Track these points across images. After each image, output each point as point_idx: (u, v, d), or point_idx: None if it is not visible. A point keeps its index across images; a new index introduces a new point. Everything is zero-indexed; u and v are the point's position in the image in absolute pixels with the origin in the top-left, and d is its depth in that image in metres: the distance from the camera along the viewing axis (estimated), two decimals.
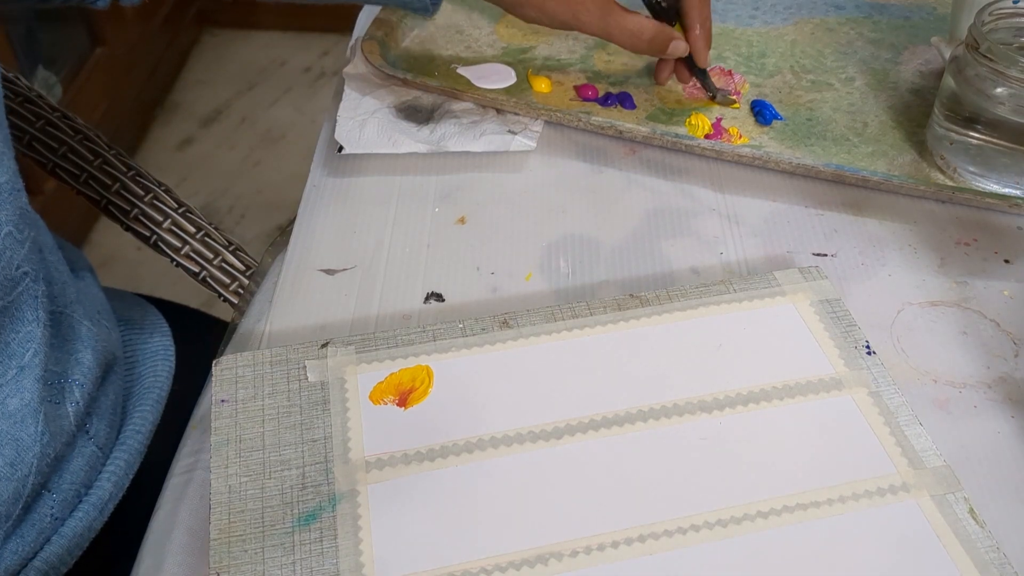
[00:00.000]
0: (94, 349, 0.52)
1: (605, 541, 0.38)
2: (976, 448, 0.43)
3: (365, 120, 0.62)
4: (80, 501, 0.51)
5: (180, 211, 0.72)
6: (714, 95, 0.63)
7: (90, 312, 0.55)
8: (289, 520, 0.38)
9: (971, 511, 0.38)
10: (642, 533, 0.38)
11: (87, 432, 0.52)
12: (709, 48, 0.61)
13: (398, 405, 0.42)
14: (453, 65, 0.68)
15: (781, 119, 0.62)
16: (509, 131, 0.61)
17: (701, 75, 0.63)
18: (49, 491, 0.49)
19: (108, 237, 1.61)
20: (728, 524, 0.38)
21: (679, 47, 0.60)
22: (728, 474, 0.40)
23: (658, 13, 0.61)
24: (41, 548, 0.49)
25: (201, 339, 0.61)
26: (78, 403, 0.50)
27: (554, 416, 0.42)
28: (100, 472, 0.53)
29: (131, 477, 0.54)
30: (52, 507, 0.49)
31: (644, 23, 0.58)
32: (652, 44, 0.59)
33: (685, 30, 0.60)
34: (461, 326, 0.46)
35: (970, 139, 0.55)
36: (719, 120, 0.62)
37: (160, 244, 0.73)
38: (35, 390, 0.46)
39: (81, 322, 0.52)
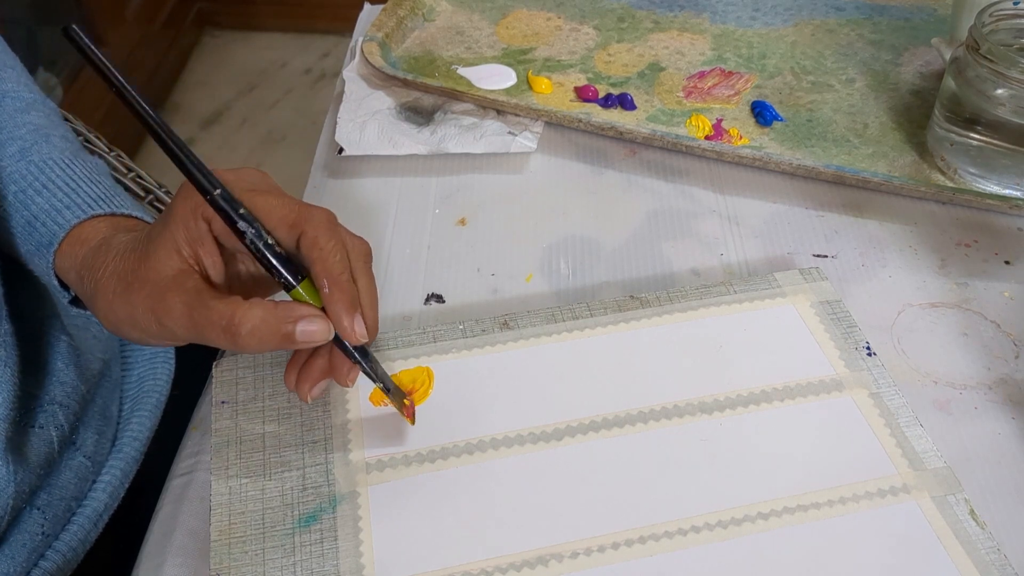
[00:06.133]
0: (76, 364, 0.51)
1: (606, 542, 0.37)
2: (977, 449, 0.43)
3: (365, 122, 0.62)
4: (73, 515, 0.50)
5: None
6: (386, 387, 0.40)
7: (76, 316, 0.53)
8: (289, 521, 0.38)
9: (972, 512, 0.38)
10: (643, 534, 0.38)
11: (74, 443, 0.50)
12: (355, 310, 0.38)
13: None
14: (454, 66, 0.68)
15: (781, 120, 0.62)
16: (509, 132, 0.61)
17: (357, 357, 0.39)
18: (37, 508, 0.47)
19: None
20: (729, 525, 0.38)
21: (315, 330, 0.37)
22: (729, 475, 0.40)
23: (279, 267, 0.38)
24: (35, 564, 0.47)
25: (200, 344, 0.61)
26: (62, 426, 0.48)
27: (554, 417, 0.42)
28: (94, 483, 0.52)
29: (127, 485, 0.53)
30: (42, 525, 0.47)
31: (238, 310, 0.36)
32: (263, 338, 0.36)
33: (318, 291, 0.38)
34: (461, 327, 0.46)
35: (970, 140, 0.55)
36: (719, 121, 0.62)
37: None
38: (1, 431, 0.44)
39: (59, 337, 0.50)
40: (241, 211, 0.37)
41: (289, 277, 0.38)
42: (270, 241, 0.37)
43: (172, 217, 0.38)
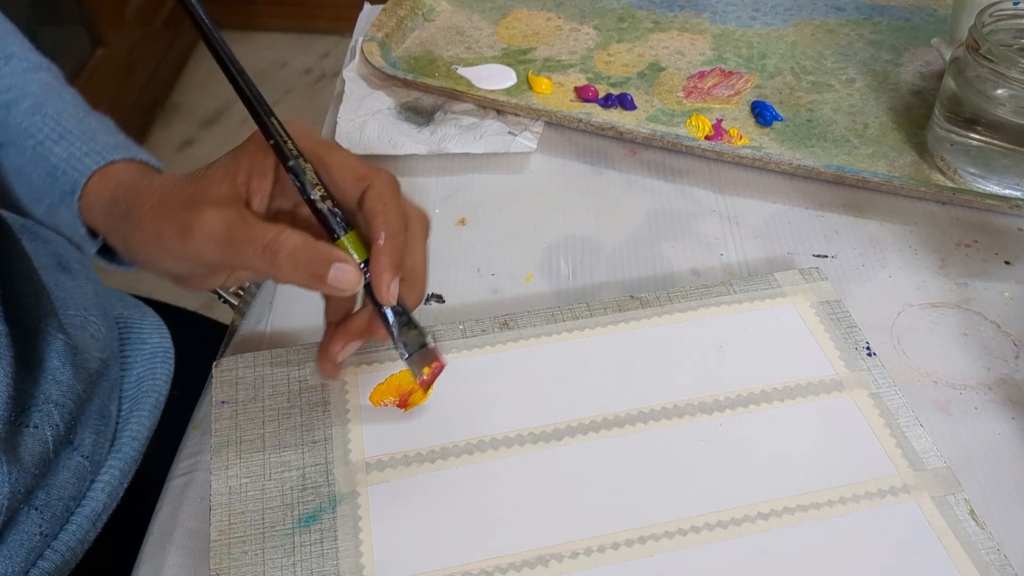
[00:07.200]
0: (73, 363, 0.50)
1: (605, 542, 0.37)
2: (977, 449, 0.43)
3: (365, 122, 0.62)
4: (71, 515, 0.50)
5: None
6: (408, 354, 0.40)
7: (75, 315, 0.53)
8: (289, 521, 0.38)
9: (972, 512, 0.38)
10: (642, 535, 0.38)
11: (71, 443, 0.50)
12: (396, 273, 0.38)
13: (398, 406, 0.42)
14: (454, 66, 0.68)
15: (781, 120, 0.62)
16: (509, 132, 0.61)
17: (385, 317, 0.39)
18: (35, 509, 0.47)
19: None
20: (728, 526, 0.38)
21: (345, 278, 0.36)
22: (729, 475, 0.40)
23: (323, 217, 0.38)
24: (34, 564, 0.47)
25: (200, 343, 0.61)
26: (57, 426, 0.48)
27: (554, 417, 0.42)
28: (92, 483, 0.51)
29: (126, 485, 0.53)
30: (40, 524, 0.47)
31: (282, 233, 0.37)
32: (298, 265, 0.37)
33: (371, 242, 0.38)
34: (461, 327, 0.46)
35: (970, 140, 0.55)
36: (719, 121, 0.62)
37: None
38: None
39: (56, 336, 0.50)
40: (299, 155, 0.38)
41: (337, 226, 0.38)
42: (316, 194, 0.38)
43: (244, 146, 0.39)
